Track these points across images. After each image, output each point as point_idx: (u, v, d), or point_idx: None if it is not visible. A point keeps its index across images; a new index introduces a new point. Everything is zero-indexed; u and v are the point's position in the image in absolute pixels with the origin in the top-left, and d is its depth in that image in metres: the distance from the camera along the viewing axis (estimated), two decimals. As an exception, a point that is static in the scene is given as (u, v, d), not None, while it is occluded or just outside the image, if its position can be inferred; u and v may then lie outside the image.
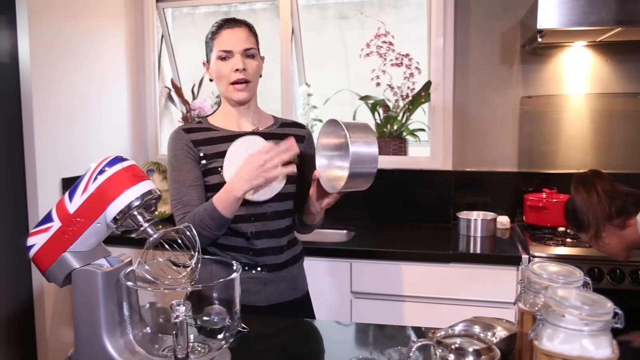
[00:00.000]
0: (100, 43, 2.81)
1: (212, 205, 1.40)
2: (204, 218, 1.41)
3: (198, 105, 3.03)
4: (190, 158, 1.52)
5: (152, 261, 1.11)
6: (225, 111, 1.60)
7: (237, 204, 1.41)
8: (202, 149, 1.53)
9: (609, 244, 1.56)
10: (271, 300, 1.55)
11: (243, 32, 1.53)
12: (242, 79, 1.51)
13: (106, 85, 2.87)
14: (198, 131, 1.56)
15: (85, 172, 1.10)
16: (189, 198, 1.49)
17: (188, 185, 1.50)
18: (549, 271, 1.02)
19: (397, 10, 3.01)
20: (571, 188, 1.62)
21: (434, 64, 2.71)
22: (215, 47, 1.53)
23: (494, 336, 0.90)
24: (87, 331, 1.09)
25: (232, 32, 1.52)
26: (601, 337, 0.83)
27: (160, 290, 1.10)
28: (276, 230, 1.55)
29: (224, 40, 1.52)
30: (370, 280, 2.26)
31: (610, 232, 1.55)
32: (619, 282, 2.01)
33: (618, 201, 1.54)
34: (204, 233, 1.41)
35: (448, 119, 2.71)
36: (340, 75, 3.14)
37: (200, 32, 3.36)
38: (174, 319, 0.96)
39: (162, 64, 3.22)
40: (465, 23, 2.66)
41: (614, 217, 1.54)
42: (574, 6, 2.07)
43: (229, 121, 1.59)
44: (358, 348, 1.33)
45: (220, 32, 1.53)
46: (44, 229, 1.11)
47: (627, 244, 1.56)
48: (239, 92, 1.52)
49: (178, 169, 1.52)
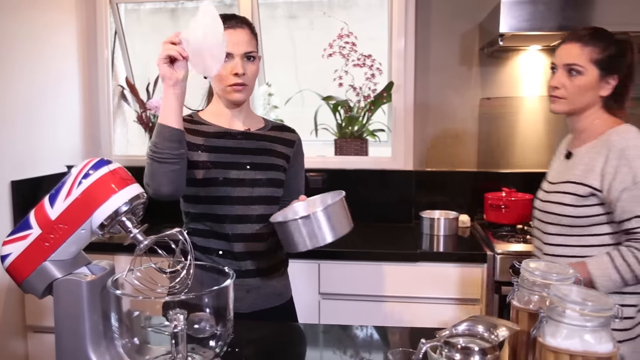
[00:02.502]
0: (50, 39, 2.67)
1: (157, 123, 1.34)
2: (152, 139, 1.34)
3: (154, 105, 2.93)
4: None
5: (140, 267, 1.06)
6: (218, 110, 1.56)
7: (169, 101, 1.32)
8: (192, 138, 1.49)
9: (583, 92, 1.49)
10: (254, 307, 1.52)
11: (245, 34, 1.48)
12: (240, 82, 1.47)
13: (57, 83, 2.72)
14: (191, 123, 1.53)
15: (67, 175, 1.03)
16: None
17: None
18: (543, 269, 1.05)
19: (346, 10, 3.02)
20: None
21: (396, 64, 2.74)
22: None
23: (497, 336, 0.91)
24: (70, 344, 1.03)
25: (235, 34, 1.46)
26: (603, 332, 0.86)
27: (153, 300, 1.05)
28: (260, 234, 1.52)
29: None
30: (339, 281, 2.26)
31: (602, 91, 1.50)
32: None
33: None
34: (156, 157, 1.32)
35: (409, 119, 2.75)
36: (290, 75, 3.13)
37: (146, 30, 3.27)
38: (172, 328, 0.92)
39: (115, 62, 3.09)
40: (425, 24, 2.71)
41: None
42: (533, 12, 2.15)
43: (220, 119, 1.55)
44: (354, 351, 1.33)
45: None
46: (20, 237, 1.04)
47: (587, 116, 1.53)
48: (236, 93, 1.48)
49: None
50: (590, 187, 1.45)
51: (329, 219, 1.26)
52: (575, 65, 1.47)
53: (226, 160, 1.50)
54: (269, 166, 1.54)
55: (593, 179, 1.45)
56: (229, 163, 1.50)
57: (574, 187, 1.47)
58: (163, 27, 3.27)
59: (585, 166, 1.48)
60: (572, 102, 1.50)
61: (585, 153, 1.50)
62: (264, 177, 1.52)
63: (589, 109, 1.51)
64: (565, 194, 1.49)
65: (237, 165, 1.50)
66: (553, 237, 1.53)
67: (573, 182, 1.48)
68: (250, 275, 1.51)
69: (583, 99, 1.49)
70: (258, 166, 1.52)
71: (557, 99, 1.51)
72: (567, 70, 1.48)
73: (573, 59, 1.47)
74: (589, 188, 1.45)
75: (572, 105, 1.50)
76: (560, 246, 1.51)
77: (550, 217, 1.53)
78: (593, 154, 1.47)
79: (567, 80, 1.48)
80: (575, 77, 1.47)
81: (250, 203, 1.50)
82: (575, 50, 1.47)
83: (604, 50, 1.46)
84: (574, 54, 1.47)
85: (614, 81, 1.48)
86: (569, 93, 1.49)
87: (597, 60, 1.46)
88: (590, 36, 1.48)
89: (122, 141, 3.16)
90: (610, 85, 1.49)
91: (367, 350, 1.32)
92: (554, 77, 1.51)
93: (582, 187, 1.46)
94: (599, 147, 1.47)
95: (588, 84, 1.47)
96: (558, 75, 1.50)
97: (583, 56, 1.46)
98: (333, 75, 2.78)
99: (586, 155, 1.49)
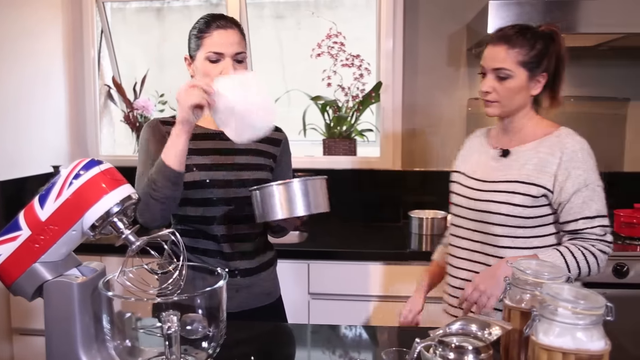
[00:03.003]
0: (36, 38, 2.64)
1: (160, 159, 1.35)
2: (151, 175, 1.35)
3: (142, 105, 2.91)
4: (163, 144, 1.44)
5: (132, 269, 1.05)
6: None
7: (177, 144, 1.33)
8: None
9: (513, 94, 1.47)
10: (243, 306, 1.51)
11: (235, 34, 1.47)
12: None
13: (43, 83, 2.69)
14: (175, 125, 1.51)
15: (56, 176, 1.02)
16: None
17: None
18: (534, 268, 1.06)
19: (333, 11, 3.02)
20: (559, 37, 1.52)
21: (384, 65, 2.75)
22: (204, 47, 1.45)
23: (490, 335, 0.92)
24: (61, 347, 1.02)
25: (225, 34, 1.45)
26: (595, 330, 0.87)
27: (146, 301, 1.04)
28: (249, 234, 1.52)
29: (215, 41, 1.44)
30: (328, 281, 2.26)
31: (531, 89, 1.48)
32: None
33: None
34: (153, 195, 1.34)
35: (397, 119, 2.76)
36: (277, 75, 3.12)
37: (131, 30, 3.24)
38: (166, 330, 0.91)
39: (101, 61, 3.06)
40: (413, 25, 2.72)
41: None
42: (520, 13, 2.17)
43: (207, 121, 1.54)
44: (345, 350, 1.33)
45: (211, 32, 1.45)
46: (9, 239, 1.02)
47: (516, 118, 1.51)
48: None
49: (148, 151, 1.47)
50: (543, 187, 1.43)
51: (306, 193, 1.26)
52: (503, 69, 1.44)
53: (212, 162, 1.49)
54: (256, 166, 1.54)
55: (545, 180, 1.43)
56: (216, 165, 1.49)
57: (525, 187, 1.44)
58: (149, 27, 3.25)
59: (534, 166, 1.45)
60: (505, 105, 1.48)
61: (530, 153, 1.48)
62: (251, 177, 1.51)
63: (522, 109, 1.50)
64: (515, 194, 1.44)
65: (224, 166, 1.50)
66: (500, 239, 1.47)
67: (523, 182, 1.44)
68: (239, 274, 1.51)
69: (515, 101, 1.47)
70: (244, 166, 1.52)
71: (490, 103, 1.49)
72: (496, 74, 1.46)
73: (500, 63, 1.44)
74: (542, 189, 1.43)
75: (505, 108, 1.48)
76: (507, 248, 1.47)
77: (496, 217, 1.46)
78: (544, 155, 1.45)
79: (497, 84, 1.46)
80: (504, 80, 1.45)
81: (238, 203, 1.50)
82: (502, 54, 1.44)
83: (529, 50, 1.44)
84: (501, 58, 1.45)
85: (544, 79, 1.47)
86: (500, 97, 1.47)
87: (523, 62, 1.44)
88: (516, 37, 1.45)
89: (108, 141, 3.13)
90: (540, 84, 1.48)
91: (357, 350, 1.32)
92: (484, 82, 1.49)
93: (535, 187, 1.43)
94: (547, 148, 1.46)
95: (518, 86, 1.45)
96: (488, 79, 1.48)
97: (509, 59, 1.44)
98: (321, 75, 2.78)
99: (534, 155, 1.46)
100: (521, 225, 1.45)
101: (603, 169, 2.65)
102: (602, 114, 2.68)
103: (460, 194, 1.58)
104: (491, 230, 1.48)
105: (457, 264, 1.57)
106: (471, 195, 1.53)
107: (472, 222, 1.53)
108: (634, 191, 2.60)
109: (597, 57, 2.62)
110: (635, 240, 2.21)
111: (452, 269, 1.60)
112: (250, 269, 1.53)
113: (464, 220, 1.55)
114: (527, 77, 1.45)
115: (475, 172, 1.57)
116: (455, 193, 1.61)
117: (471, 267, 1.52)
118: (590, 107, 2.68)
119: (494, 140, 1.59)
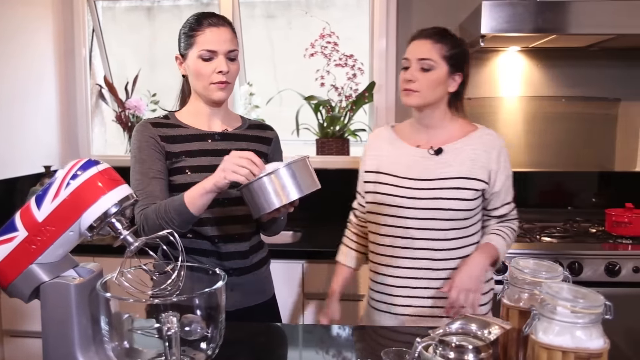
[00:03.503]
0: (27, 37, 2.61)
1: (181, 198, 1.34)
2: (169, 211, 1.35)
3: (134, 105, 2.89)
4: (156, 151, 1.46)
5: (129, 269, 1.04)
6: (196, 109, 1.54)
7: (205, 198, 1.33)
8: (171, 146, 1.47)
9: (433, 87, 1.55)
10: (238, 305, 1.51)
11: (228, 32, 1.47)
12: (224, 81, 1.46)
13: (33, 82, 2.67)
14: (166, 127, 1.50)
15: (53, 177, 1.01)
16: (152, 189, 1.42)
17: (151, 177, 1.43)
18: (532, 267, 1.06)
19: (324, 10, 3.02)
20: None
21: (377, 64, 2.75)
22: (196, 45, 1.45)
23: (490, 334, 0.92)
24: (59, 349, 1.01)
25: (217, 32, 1.45)
26: (594, 328, 0.88)
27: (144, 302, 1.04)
28: (243, 233, 1.52)
29: (207, 39, 1.44)
30: (323, 281, 2.25)
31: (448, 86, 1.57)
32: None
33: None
34: (166, 226, 1.34)
35: (391, 119, 2.77)
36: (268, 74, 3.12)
37: (121, 29, 3.22)
38: (165, 331, 0.91)
39: (92, 60, 3.04)
40: (406, 24, 2.73)
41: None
42: (512, 14, 2.19)
43: (198, 120, 1.54)
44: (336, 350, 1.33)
45: (204, 29, 1.45)
46: (5, 240, 1.02)
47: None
48: (219, 91, 1.47)
49: (142, 160, 1.45)
50: (482, 181, 1.56)
51: (294, 176, 1.26)
52: (428, 59, 1.53)
53: (205, 164, 1.49)
54: None
55: (483, 174, 1.56)
56: (208, 166, 1.48)
57: (470, 182, 1.55)
58: (139, 26, 3.22)
59: (472, 162, 1.56)
60: (424, 96, 1.55)
61: (463, 149, 1.58)
62: None
63: (438, 104, 1.59)
64: (462, 189, 1.54)
65: (216, 167, 1.49)
66: (447, 232, 1.56)
67: (466, 178, 1.55)
68: (234, 273, 1.51)
69: (434, 93, 1.56)
70: None
71: (412, 92, 1.56)
72: (420, 65, 1.54)
73: (426, 54, 1.54)
74: (482, 182, 1.56)
75: (424, 99, 1.56)
76: (453, 240, 1.56)
77: (446, 213, 1.53)
78: (479, 151, 1.57)
79: (420, 74, 1.54)
80: (427, 71, 1.54)
81: (231, 204, 1.50)
82: (427, 46, 1.55)
83: (452, 48, 1.55)
84: (426, 50, 1.54)
85: (460, 78, 1.58)
86: (422, 86, 1.54)
87: (446, 56, 1.54)
88: (440, 35, 1.56)
89: (100, 141, 3.11)
90: (456, 82, 1.58)
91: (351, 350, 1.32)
92: (408, 71, 1.56)
93: (477, 182, 1.55)
94: (479, 144, 1.58)
95: (439, 78, 1.54)
96: (412, 69, 1.55)
97: (434, 51, 1.54)
98: (314, 75, 2.78)
99: (470, 151, 1.57)
100: (466, 217, 1.57)
101: (595, 169, 2.72)
102: (594, 114, 2.71)
103: (395, 195, 1.59)
104: (439, 226, 1.55)
105: (397, 263, 1.59)
106: (412, 195, 1.56)
107: (413, 221, 1.56)
108: (624, 190, 2.63)
109: (588, 58, 2.64)
110: (626, 239, 2.23)
111: (387, 268, 1.61)
112: (245, 267, 1.53)
113: (402, 219, 1.57)
114: (447, 72, 1.55)
115: (407, 171, 1.60)
116: (385, 194, 1.61)
117: (413, 265, 1.57)
118: (581, 107, 2.70)
119: (410, 138, 1.65)
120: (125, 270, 1.02)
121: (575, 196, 2.74)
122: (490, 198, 1.60)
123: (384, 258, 1.62)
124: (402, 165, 1.61)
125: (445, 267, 1.56)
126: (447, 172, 1.56)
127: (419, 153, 1.61)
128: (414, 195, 1.56)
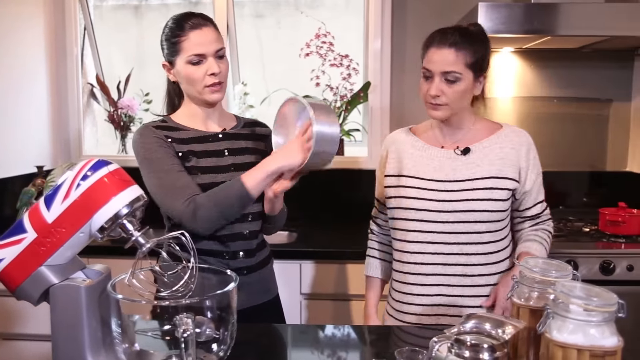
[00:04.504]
0: (18, 35, 2.57)
1: (239, 183, 1.36)
2: (230, 196, 1.36)
3: (127, 104, 2.87)
4: (169, 148, 1.43)
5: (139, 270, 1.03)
6: (191, 111, 1.53)
7: (266, 182, 1.39)
8: (178, 147, 1.46)
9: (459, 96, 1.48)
10: (244, 304, 1.49)
11: (212, 32, 1.45)
12: (217, 82, 1.45)
13: (24, 81, 2.63)
14: (168, 129, 1.49)
15: (64, 178, 1.00)
16: (185, 181, 1.40)
17: (177, 171, 1.41)
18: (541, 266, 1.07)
19: (313, 10, 3.02)
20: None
21: (372, 65, 2.76)
22: (183, 52, 1.42)
23: (504, 333, 0.93)
24: (69, 352, 1.00)
25: (202, 34, 1.42)
26: (607, 327, 0.89)
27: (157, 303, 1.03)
28: (249, 232, 1.52)
29: (193, 43, 1.41)
30: (321, 281, 2.26)
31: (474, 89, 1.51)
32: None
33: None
34: (226, 213, 1.39)
35: (385, 119, 2.78)
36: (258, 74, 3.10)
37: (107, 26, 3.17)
38: (181, 333, 0.90)
39: (84, 59, 3.00)
40: (401, 25, 2.74)
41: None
42: (508, 15, 2.21)
43: (195, 122, 1.53)
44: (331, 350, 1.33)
45: (187, 33, 1.42)
46: (14, 241, 1.00)
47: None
48: (214, 93, 1.46)
49: (157, 159, 1.41)
50: (514, 179, 1.50)
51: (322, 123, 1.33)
52: (453, 72, 1.44)
53: (212, 165, 1.48)
54: (251, 165, 1.52)
55: (513, 173, 1.50)
56: (215, 167, 1.48)
57: (501, 181, 1.48)
58: (127, 25, 3.19)
59: (502, 161, 1.50)
60: (453, 108, 1.48)
61: (491, 149, 1.51)
62: None
63: (465, 109, 1.53)
64: (494, 189, 1.47)
65: (223, 168, 1.49)
66: (483, 236, 1.49)
67: (497, 177, 1.48)
68: (240, 272, 1.50)
69: (462, 102, 1.49)
70: (241, 166, 1.50)
71: (439, 106, 1.48)
72: (445, 76, 1.45)
73: (450, 67, 1.43)
74: (514, 181, 1.50)
75: (453, 110, 1.49)
76: (489, 243, 1.50)
77: (479, 215, 1.47)
78: (507, 149, 1.51)
79: (445, 87, 1.45)
80: (453, 83, 1.45)
81: None
82: (451, 57, 1.43)
83: (475, 52, 1.45)
84: (450, 61, 1.43)
85: (484, 79, 1.51)
86: (450, 99, 1.46)
87: (471, 64, 1.44)
88: (463, 40, 1.45)
89: (91, 140, 3.07)
90: (482, 84, 1.51)
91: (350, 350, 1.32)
92: (433, 86, 1.46)
93: (508, 180, 1.49)
94: (507, 142, 1.52)
95: (466, 87, 1.46)
96: (436, 83, 1.46)
97: (459, 61, 1.43)
98: (309, 74, 2.77)
99: (498, 150, 1.51)
100: (499, 219, 1.50)
101: (587, 168, 2.75)
102: (586, 115, 2.74)
103: (422, 198, 1.51)
104: (473, 229, 1.48)
105: (427, 270, 1.51)
106: (440, 197, 1.49)
107: (445, 225, 1.49)
108: (617, 190, 2.67)
109: (580, 59, 2.67)
110: (620, 238, 2.26)
111: (416, 277, 1.53)
112: (251, 266, 1.54)
113: (433, 224, 1.50)
114: (473, 79, 1.47)
115: (434, 173, 1.53)
116: (411, 197, 1.53)
117: (446, 271, 1.50)
118: (573, 107, 2.74)
119: (432, 140, 1.58)
120: (137, 271, 1.01)
121: (567, 196, 2.78)
122: (521, 198, 1.53)
123: (412, 266, 1.53)
124: (428, 167, 1.54)
125: (482, 273, 1.49)
126: (477, 172, 1.49)
127: (445, 154, 1.54)
128: (442, 197, 1.48)
